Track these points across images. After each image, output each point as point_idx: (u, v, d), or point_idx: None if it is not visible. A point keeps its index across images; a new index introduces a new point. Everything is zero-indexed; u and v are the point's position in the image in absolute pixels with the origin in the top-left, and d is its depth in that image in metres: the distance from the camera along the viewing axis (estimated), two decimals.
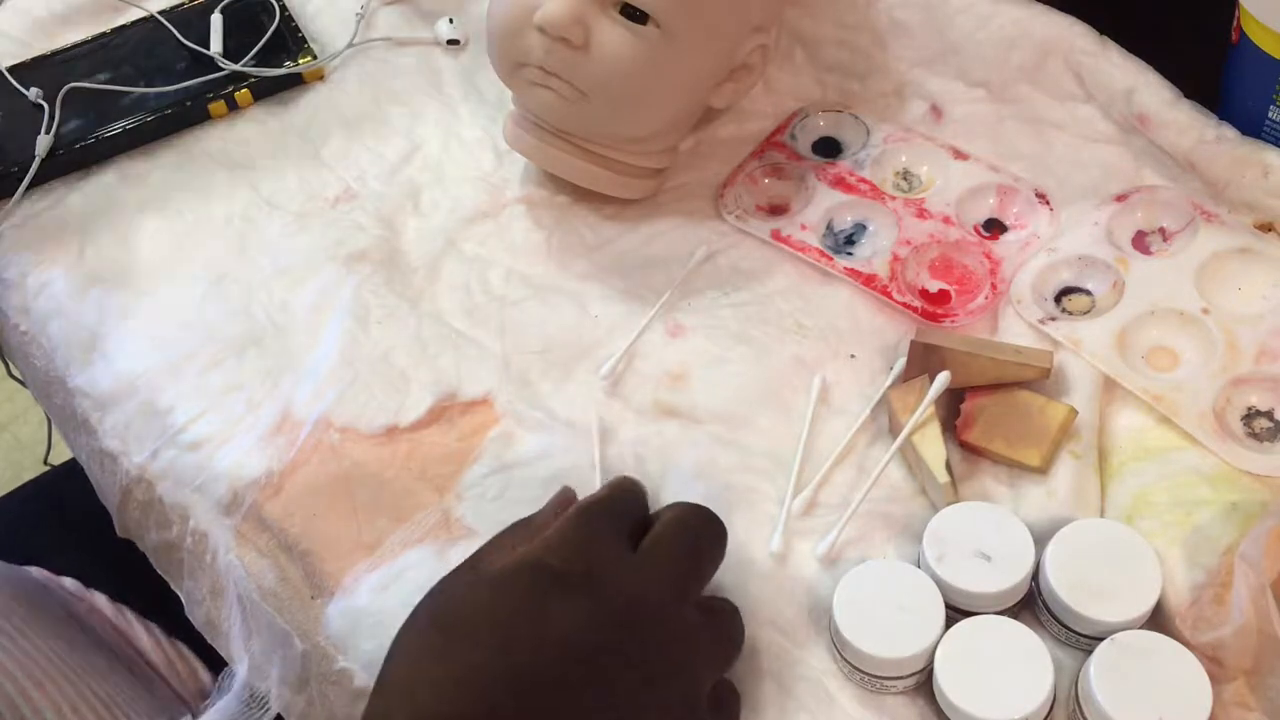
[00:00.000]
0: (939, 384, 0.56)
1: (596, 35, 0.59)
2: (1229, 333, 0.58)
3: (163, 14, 0.77)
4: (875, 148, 0.68)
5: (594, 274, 0.65)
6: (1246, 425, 0.57)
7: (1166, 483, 0.55)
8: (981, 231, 0.65)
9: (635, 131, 0.63)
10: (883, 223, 0.65)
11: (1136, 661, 0.47)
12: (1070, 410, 0.56)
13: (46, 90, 0.72)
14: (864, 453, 0.58)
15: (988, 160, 0.67)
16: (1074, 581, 0.50)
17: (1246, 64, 0.63)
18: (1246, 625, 0.47)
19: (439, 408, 0.60)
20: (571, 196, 0.68)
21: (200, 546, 0.59)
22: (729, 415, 0.59)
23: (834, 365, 0.60)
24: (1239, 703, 0.48)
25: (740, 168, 0.69)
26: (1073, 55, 0.66)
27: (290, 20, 0.77)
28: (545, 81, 0.61)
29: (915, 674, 0.50)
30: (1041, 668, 0.48)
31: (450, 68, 0.75)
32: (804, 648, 0.52)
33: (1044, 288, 0.62)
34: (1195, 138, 0.63)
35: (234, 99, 0.73)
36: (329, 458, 0.59)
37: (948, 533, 0.51)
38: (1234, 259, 0.61)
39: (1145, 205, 0.64)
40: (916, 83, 0.70)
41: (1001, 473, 0.56)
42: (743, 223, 0.66)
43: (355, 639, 0.54)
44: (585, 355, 0.62)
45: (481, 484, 0.58)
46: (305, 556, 0.56)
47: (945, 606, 0.50)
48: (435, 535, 0.56)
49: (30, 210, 0.70)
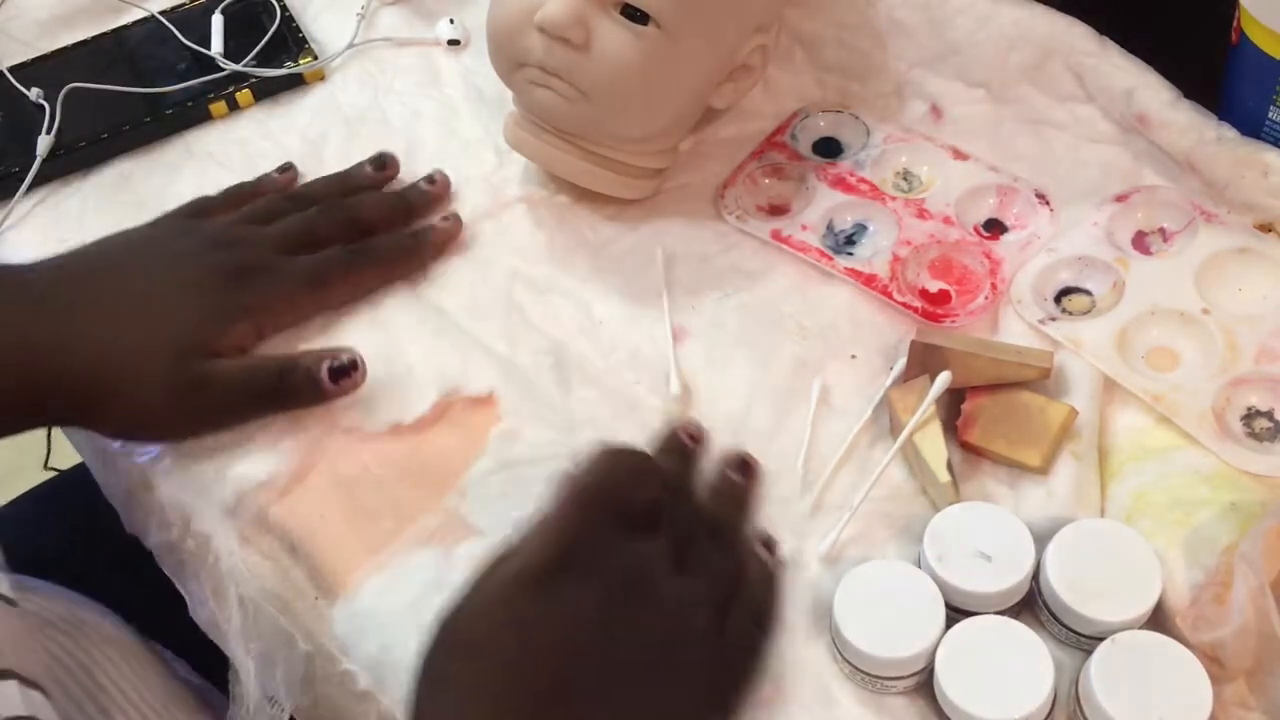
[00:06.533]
0: (940, 384, 0.56)
1: (597, 35, 0.59)
2: (1229, 333, 0.58)
3: (163, 14, 0.77)
4: (875, 148, 0.68)
5: (595, 273, 0.65)
6: (1246, 425, 0.57)
7: (1166, 483, 0.55)
8: (982, 232, 0.65)
9: (635, 132, 0.63)
10: (883, 223, 0.65)
11: (1136, 661, 0.48)
12: (1070, 410, 0.56)
13: (47, 91, 0.72)
14: (865, 453, 0.58)
15: (988, 160, 0.67)
16: (1074, 581, 0.50)
17: (1246, 64, 0.63)
18: (1246, 625, 0.47)
19: (443, 405, 0.60)
20: (572, 196, 0.68)
21: (202, 548, 0.59)
22: (730, 416, 0.59)
23: (835, 365, 0.61)
24: (1239, 703, 0.48)
25: (740, 168, 0.69)
26: (1073, 56, 0.66)
27: (291, 21, 0.77)
28: (545, 82, 0.61)
29: (915, 674, 0.50)
30: (1041, 668, 0.48)
31: (450, 68, 0.75)
32: (804, 648, 0.52)
33: (1044, 288, 0.62)
34: (1195, 138, 0.63)
35: (235, 99, 0.73)
36: (334, 458, 0.59)
37: (948, 533, 0.51)
38: (1234, 259, 0.61)
39: (1145, 205, 0.64)
40: (916, 83, 0.70)
41: (1002, 473, 0.56)
42: (743, 223, 0.66)
43: (359, 640, 0.54)
44: (587, 354, 0.62)
45: (485, 482, 0.58)
46: (310, 558, 0.56)
47: (945, 606, 0.50)
48: (441, 536, 0.56)
49: (31, 211, 0.70)
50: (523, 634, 0.45)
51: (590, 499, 0.48)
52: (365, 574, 0.55)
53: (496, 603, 0.46)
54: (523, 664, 0.45)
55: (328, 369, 0.58)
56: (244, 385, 0.58)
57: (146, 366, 0.57)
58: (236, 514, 0.58)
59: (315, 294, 0.62)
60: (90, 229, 0.68)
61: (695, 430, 0.55)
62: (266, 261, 0.61)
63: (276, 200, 0.66)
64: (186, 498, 0.59)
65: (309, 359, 0.58)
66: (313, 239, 0.63)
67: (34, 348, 0.56)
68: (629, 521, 0.48)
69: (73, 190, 0.71)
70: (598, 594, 0.46)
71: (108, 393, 0.56)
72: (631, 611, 0.46)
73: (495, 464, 0.58)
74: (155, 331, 0.57)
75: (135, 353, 0.57)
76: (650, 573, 0.48)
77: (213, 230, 0.63)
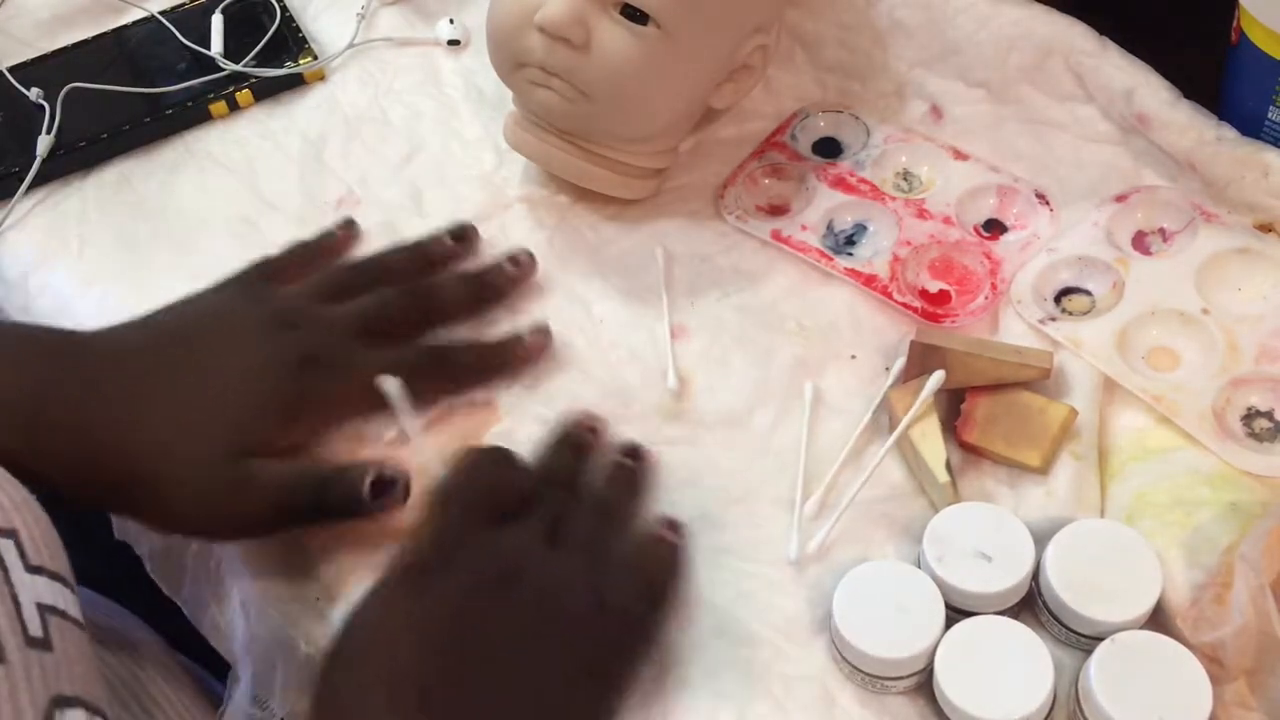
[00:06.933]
0: (933, 382, 0.56)
1: (597, 35, 0.59)
2: (1229, 333, 0.58)
3: (163, 14, 0.77)
4: (875, 148, 0.68)
5: (595, 273, 0.65)
6: (1246, 425, 0.57)
7: (1166, 483, 0.55)
8: (981, 232, 0.65)
9: (636, 132, 0.63)
10: (883, 223, 0.65)
11: (1136, 661, 0.48)
12: (1070, 410, 0.56)
13: (47, 90, 0.72)
14: (867, 454, 0.58)
15: (988, 161, 0.67)
16: (1074, 581, 0.50)
17: (1246, 64, 0.63)
18: (1246, 625, 0.47)
19: (442, 406, 0.60)
20: (572, 196, 0.68)
21: (204, 552, 0.59)
22: (731, 417, 0.59)
23: (834, 366, 0.60)
24: (1239, 703, 0.48)
25: (740, 168, 0.69)
26: (1073, 56, 0.66)
27: (291, 21, 0.77)
28: (546, 82, 0.61)
29: (915, 674, 0.50)
30: (1041, 668, 0.48)
31: (450, 68, 0.75)
32: (804, 648, 0.52)
33: (1044, 288, 0.62)
34: (1195, 138, 0.63)
35: (235, 99, 0.73)
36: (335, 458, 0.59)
37: (948, 533, 0.51)
38: (1234, 259, 0.61)
39: (1145, 205, 0.64)
40: (917, 83, 0.70)
41: (1001, 473, 0.56)
42: (743, 223, 0.66)
43: None
44: (587, 353, 0.62)
45: None
46: (312, 561, 0.56)
47: (945, 606, 0.50)
48: None
49: (31, 211, 0.70)
50: (397, 631, 0.46)
51: (452, 496, 0.50)
52: (366, 575, 0.55)
53: (376, 607, 0.48)
54: (402, 660, 0.46)
55: (369, 485, 0.53)
56: (281, 495, 0.54)
57: (188, 467, 0.53)
58: None
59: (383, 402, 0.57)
60: (90, 229, 0.69)
61: (592, 421, 0.57)
62: (335, 352, 0.57)
63: (347, 273, 0.62)
64: None
65: (354, 473, 0.54)
66: (388, 326, 0.59)
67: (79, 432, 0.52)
68: (495, 512, 0.50)
69: (73, 190, 0.71)
70: (465, 581, 0.48)
71: (146, 487, 0.53)
72: (505, 590, 0.48)
73: None
74: (205, 427, 0.53)
75: (179, 450, 0.53)
76: (521, 555, 0.49)
77: (281, 306, 0.58)
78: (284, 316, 0.57)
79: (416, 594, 0.47)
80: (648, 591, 0.51)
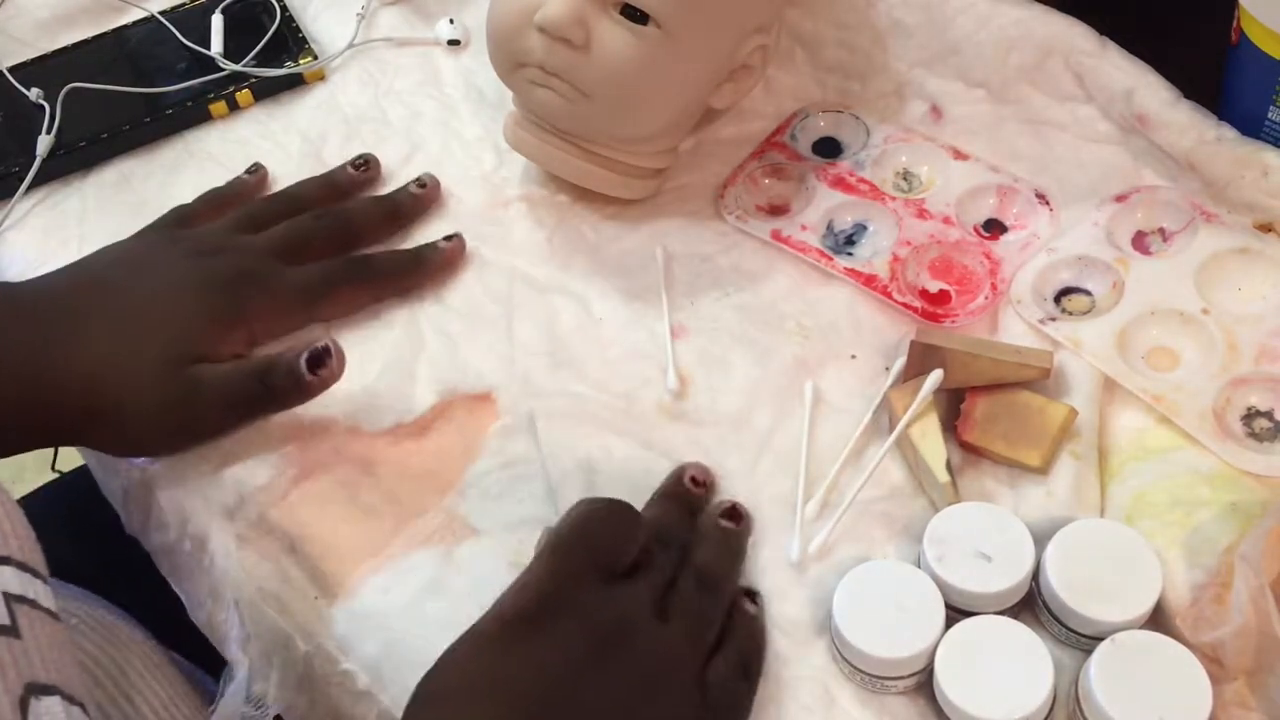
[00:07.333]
0: (931, 381, 0.56)
1: (597, 35, 0.59)
2: (1229, 333, 0.58)
3: (163, 14, 0.77)
4: (875, 148, 0.68)
5: (596, 273, 0.65)
6: (1246, 425, 0.57)
7: (1166, 483, 0.55)
8: (981, 232, 0.65)
9: (636, 132, 0.63)
10: (883, 223, 0.65)
11: (1136, 661, 0.48)
12: (1070, 410, 0.56)
13: (47, 90, 0.72)
14: (867, 454, 0.58)
15: (988, 160, 0.67)
16: (1074, 581, 0.50)
17: (1246, 64, 0.63)
18: (1246, 625, 0.47)
19: (442, 405, 0.60)
20: (572, 196, 0.68)
21: (199, 550, 0.59)
22: (731, 417, 0.59)
23: (834, 366, 0.60)
24: (1239, 703, 0.48)
25: (740, 168, 0.69)
26: (1073, 56, 0.66)
27: (291, 21, 0.77)
28: (546, 82, 0.61)
29: (915, 674, 0.50)
30: (1041, 668, 0.48)
31: (450, 68, 0.75)
32: (804, 648, 0.52)
33: (1044, 288, 0.62)
34: (1195, 138, 0.63)
35: (235, 99, 0.73)
36: (335, 459, 0.59)
37: (948, 533, 0.51)
38: (1234, 259, 0.61)
39: (1145, 205, 0.64)
40: (916, 83, 0.70)
41: (1001, 473, 0.56)
42: (743, 223, 0.66)
43: (360, 640, 0.54)
44: (586, 353, 0.62)
45: (483, 481, 0.58)
46: (310, 558, 0.56)
47: (945, 606, 0.50)
48: (440, 536, 0.56)
49: (31, 210, 0.70)
50: (497, 683, 0.45)
51: (568, 549, 0.49)
52: (365, 574, 0.55)
53: (472, 654, 0.47)
54: (497, 713, 0.45)
55: (305, 360, 0.56)
56: (229, 391, 0.57)
57: (140, 381, 0.56)
58: (236, 515, 0.58)
59: (310, 307, 0.62)
60: (90, 229, 0.69)
61: (701, 474, 0.56)
62: (260, 269, 0.60)
63: (263, 206, 0.65)
64: (184, 499, 0.59)
65: (287, 355, 0.57)
66: (306, 247, 0.62)
67: (31, 371, 0.55)
68: (609, 571, 0.49)
69: (73, 190, 0.71)
70: (573, 641, 0.46)
71: (105, 411, 0.56)
72: (609, 658, 0.46)
73: (495, 464, 0.58)
74: (148, 344, 0.57)
75: (129, 368, 0.56)
76: (630, 620, 0.48)
77: (200, 238, 0.62)
78: (205, 245, 0.61)
79: (516, 646, 0.46)
80: (743, 670, 0.50)
